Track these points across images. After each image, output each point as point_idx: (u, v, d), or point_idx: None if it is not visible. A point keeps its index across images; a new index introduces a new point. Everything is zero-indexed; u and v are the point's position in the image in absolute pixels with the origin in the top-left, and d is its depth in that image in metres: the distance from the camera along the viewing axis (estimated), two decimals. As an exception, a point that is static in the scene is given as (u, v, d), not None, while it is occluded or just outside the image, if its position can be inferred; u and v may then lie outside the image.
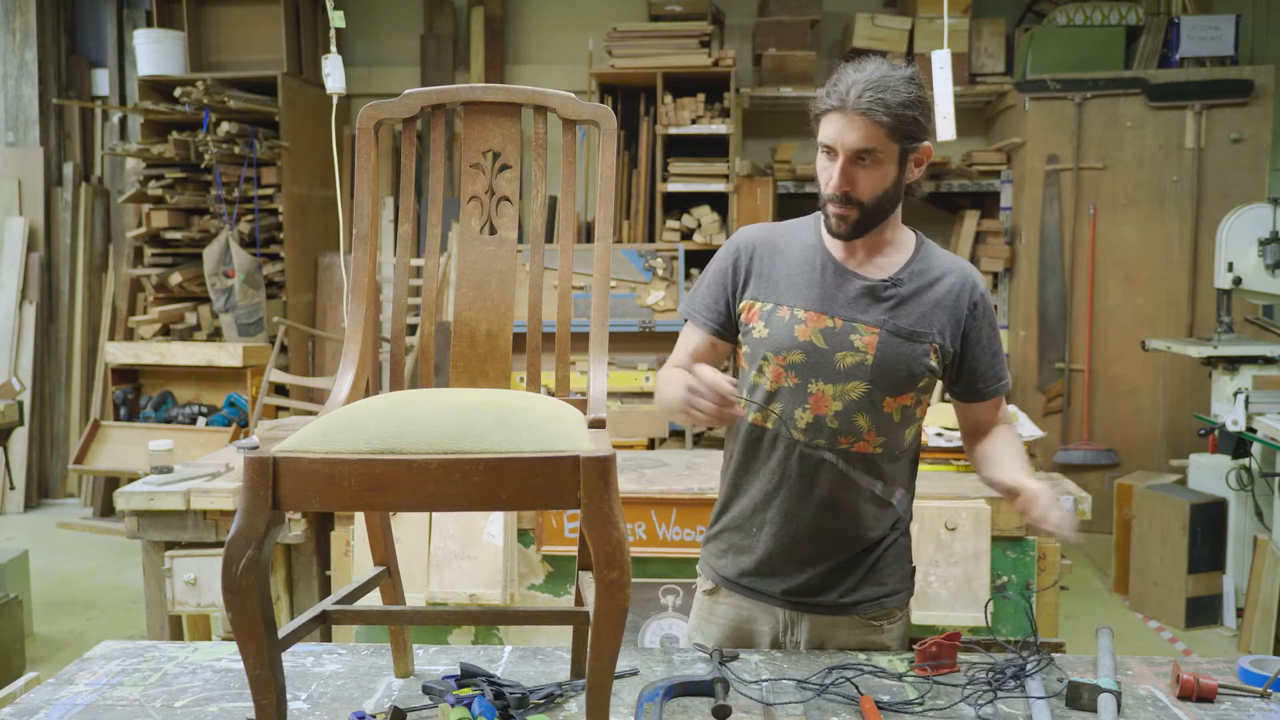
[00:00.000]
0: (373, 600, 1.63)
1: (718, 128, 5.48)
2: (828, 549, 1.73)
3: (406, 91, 1.52)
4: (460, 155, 1.58)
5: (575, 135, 1.53)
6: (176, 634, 2.95)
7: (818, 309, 1.69)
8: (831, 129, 1.60)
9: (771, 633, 1.79)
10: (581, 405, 1.48)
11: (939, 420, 2.96)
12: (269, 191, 5.61)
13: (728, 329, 1.79)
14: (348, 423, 1.21)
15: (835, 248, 1.73)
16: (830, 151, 1.62)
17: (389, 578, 1.60)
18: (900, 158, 1.63)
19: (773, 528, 1.74)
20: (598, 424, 1.37)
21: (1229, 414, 4.08)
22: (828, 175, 1.64)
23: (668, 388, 1.70)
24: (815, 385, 1.68)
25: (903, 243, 1.74)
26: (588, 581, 1.52)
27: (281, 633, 1.27)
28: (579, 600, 1.57)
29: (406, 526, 2.65)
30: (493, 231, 1.50)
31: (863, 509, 1.72)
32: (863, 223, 1.65)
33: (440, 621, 1.45)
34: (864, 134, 1.57)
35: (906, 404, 1.71)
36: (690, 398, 1.54)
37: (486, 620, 1.50)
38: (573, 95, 1.52)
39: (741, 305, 1.76)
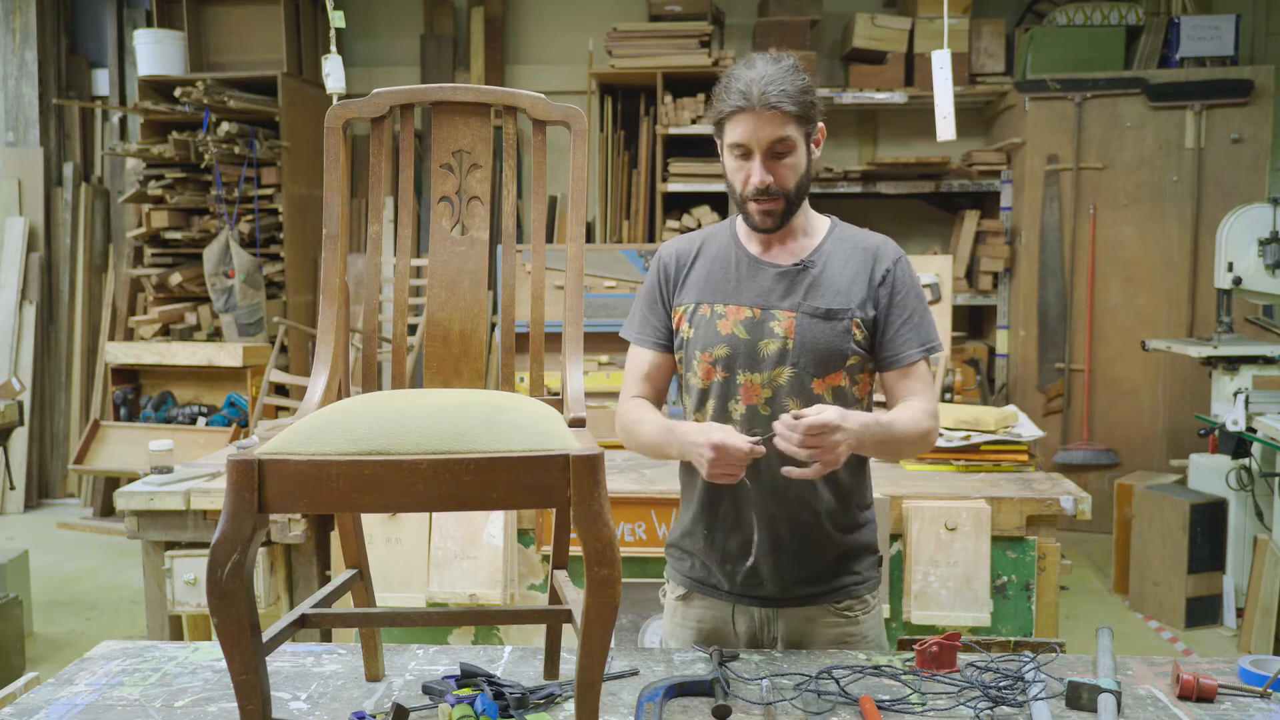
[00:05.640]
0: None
1: (718, 128, 5.47)
2: (788, 538, 1.73)
3: (375, 91, 1.51)
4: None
5: (545, 135, 1.54)
6: (176, 634, 2.95)
7: (735, 301, 1.75)
8: (743, 128, 1.66)
9: (749, 631, 1.80)
10: (556, 405, 1.48)
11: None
12: (269, 191, 5.60)
13: (668, 342, 1.84)
14: (332, 424, 1.20)
15: (749, 243, 1.79)
16: (742, 150, 1.68)
17: (360, 580, 1.59)
18: (805, 142, 1.70)
19: (730, 523, 1.75)
20: (577, 423, 1.37)
21: (1229, 414, 4.08)
22: (744, 174, 1.69)
23: (645, 430, 1.76)
24: (743, 376, 1.73)
25: (815, 228, 1.80)
26: (564, 580, 1.53)
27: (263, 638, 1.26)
28: (554, 599, 1.57)
29: (406, 526, 2.65)
30: (464, 231, 1.50)
31: (815, 494, 1.72)
32: (788, 212, 1.72)
33: (424, 623, 1.45)
34: (776, 126, 1.64)
35: (839, 384, 1.72)
36: (714, 472, 1.59)
37: (469, 620, 1.50)
38: (543, 96, 1.52)
39: (673, 314, 1.82)
